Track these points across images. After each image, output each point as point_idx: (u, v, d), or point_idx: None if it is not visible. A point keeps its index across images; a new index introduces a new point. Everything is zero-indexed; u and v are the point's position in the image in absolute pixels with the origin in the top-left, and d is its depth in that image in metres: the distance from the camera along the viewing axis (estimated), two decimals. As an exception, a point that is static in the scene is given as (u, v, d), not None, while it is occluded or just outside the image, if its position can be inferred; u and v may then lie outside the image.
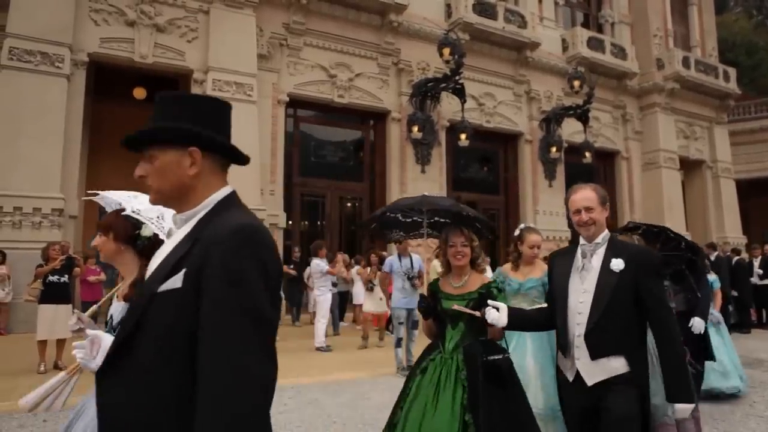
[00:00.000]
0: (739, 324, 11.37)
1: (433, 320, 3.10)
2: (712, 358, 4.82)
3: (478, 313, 2.72)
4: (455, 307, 2.86)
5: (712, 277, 5.89)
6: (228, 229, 1.15)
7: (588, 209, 2.56)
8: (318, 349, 8.54)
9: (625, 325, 2.42)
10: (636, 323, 2.46)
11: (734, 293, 11.35)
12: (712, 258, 11.14)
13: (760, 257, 12.47)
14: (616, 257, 2.47)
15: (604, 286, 2.44)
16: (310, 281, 10.05)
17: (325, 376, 6.80)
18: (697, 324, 4.62)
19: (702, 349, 4.67)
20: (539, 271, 3.84)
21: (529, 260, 3.90)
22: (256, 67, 11.99)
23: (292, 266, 11.19)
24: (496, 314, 2.63)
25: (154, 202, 1.30)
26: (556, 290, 2.67)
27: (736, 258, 12.43)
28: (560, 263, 2.73)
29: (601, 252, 2.54)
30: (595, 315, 2.44)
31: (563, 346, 2.57)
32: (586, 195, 2.60)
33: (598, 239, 2.57)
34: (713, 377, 5.46)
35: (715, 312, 5.70)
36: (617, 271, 2.43)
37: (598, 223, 2.57)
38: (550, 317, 2.70)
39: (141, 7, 11.03)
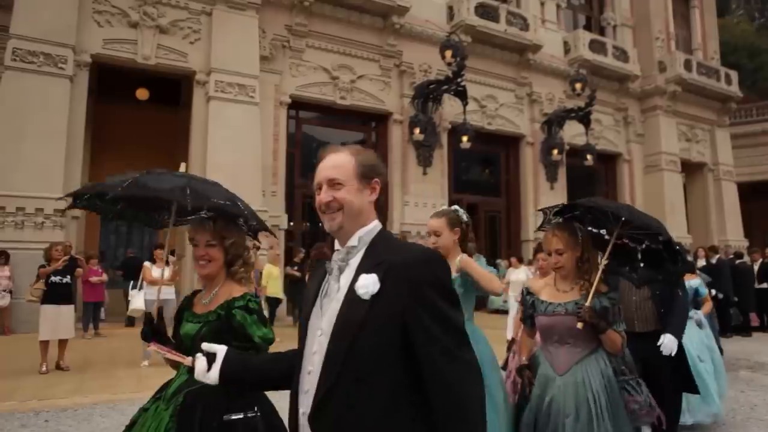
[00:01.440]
0: (740, 327, 11.36)
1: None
2: (694, 390, 3.69)
3: (185, 360, 1.72)
4: (151, 347, 1.94)
5: (695, 280, 5.14)
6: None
7: (333, 184, 1.45)
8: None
9: (383, 401, 1.29)
10: (406, 398, 1.32)
11: (734, 298, 11.31)
12: (714, 261, 11.09)
13: (760, 261, 12.45)
14: (369, 272, 1.36)
15: (345, 325, 1.35)
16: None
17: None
18: (668, 343, 3.52)
19: (680, 376, 3.64)
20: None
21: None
22: (258, 68, 12.02)
23: (295, 267, 11.20)
24: (203, 366, 1.55)
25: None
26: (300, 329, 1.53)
27: (737, 261, 12.40)
28: (312, 280, 1.61)
29: (354, 263, 1.43)
30: (325, 380, 1.33)
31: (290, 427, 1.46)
32: (334, 161, 1.48)
33: (353, 239, 1.44)
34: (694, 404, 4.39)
35: (699, 313, 5.01)
36: (366, 298, 1.34)
37: (348, 207, 1.43)
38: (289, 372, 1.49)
39: (144, 9, 11.07)
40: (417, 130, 13.68)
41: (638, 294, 3.78)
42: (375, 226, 1.48)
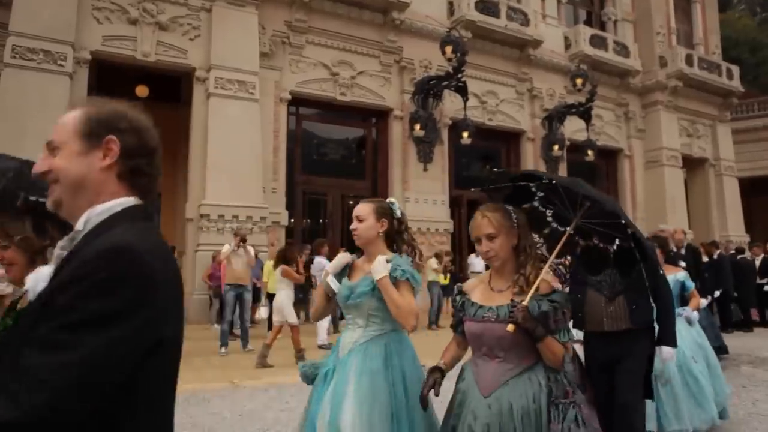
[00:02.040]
0: (741, 323, 11.35)
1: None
2: (649, 395, 3.24)
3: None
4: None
5: (680, 274, 4.61)
6: None
7: (51, 148, 1.20)
8: (320, 347, 8.55)
9: None
10: None
11: (734, 294, 11.30)
12: (714, 256, 11.01)
13: (761, 256, 12.42)
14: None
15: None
16: (314, 280, 10.07)
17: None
18: (666, 355, 3.25)
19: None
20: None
21: None
22: (258, 65, 12.00)
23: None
24: None
25: None
26: None
27: (739, 257, 12.36)
28: None
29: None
30: None
31: None
32: (61, 119, 1.26)
33: (80, 222, 1.11)
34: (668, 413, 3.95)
35: (687, 309, 4.60)
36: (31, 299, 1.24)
37: (63, 176, 1.14)
38: None
39: (143, 5, 11.04)
40: (417, 126, 13.65)
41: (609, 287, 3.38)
42: (116, 204, 1.11)
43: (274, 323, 7.74)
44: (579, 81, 15.30)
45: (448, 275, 12.10)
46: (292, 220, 12.92)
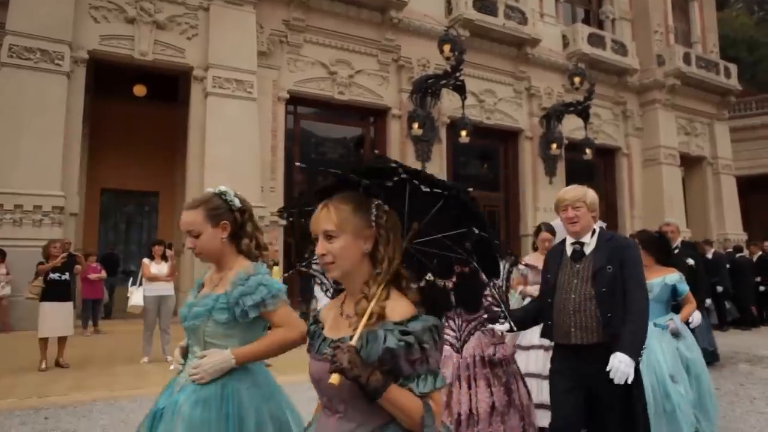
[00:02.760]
0: (738, 320, 11.38)
1: None
2: None
3: None
4: None
5: (673, 275, 3.97)
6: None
7: None
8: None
9: None
10: None
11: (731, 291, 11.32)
12: (709, 255, 10.88)
13: (758, 254, 12.45)
14: None
15: None
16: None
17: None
18: (619, 367, 2.40)
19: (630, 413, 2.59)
20: None
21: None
22: (256, 64, 11.98)
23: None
24: None
25: None
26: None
27: (737, 255, 12.34)
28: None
29: None
30: None
31: None
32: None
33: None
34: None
35: (676, 318, 3.95)
36: None
37: None
38: None
39: (141, 4, 11.02)
40: (416, 125, 13.65)
41: (579, 290, 2.66)
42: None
43: None
44: (577, 79, 15.30)
45: None
46: (291, 219, 12.90)
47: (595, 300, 2.60)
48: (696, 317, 4.24)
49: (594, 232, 2.79)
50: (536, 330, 3.16)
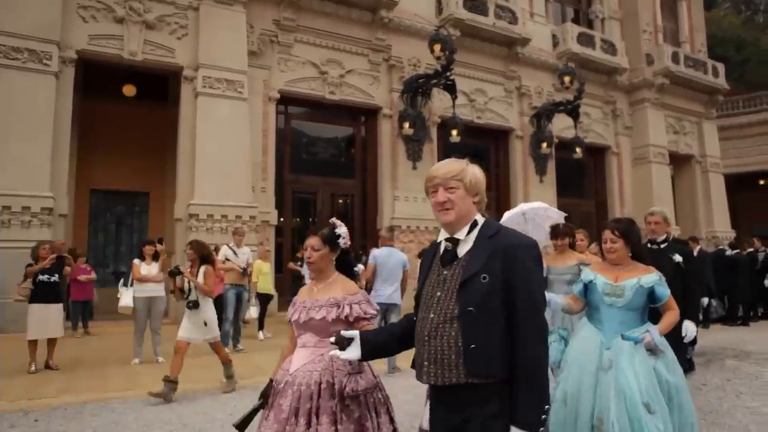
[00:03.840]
0: (725, 318, 11.45)
1: None
2: None
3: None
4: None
5: (648, 277, 3.16)
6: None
7: None
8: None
9: None
10: None
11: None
12: (695, 253, 10.83)
13: (750, 250, 12.55)
14: None
15: None
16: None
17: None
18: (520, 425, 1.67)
19: None
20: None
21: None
22: (246, 63, 11.96)
23: (298, 263, 11.17)
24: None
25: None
26: None
27: (733, 252, 12.31)
28: None
29: None
30: None
31: None
32: None
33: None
34: None
35: (653, 330, 3.06)
36: None
37: None
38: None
39: (129, 4, 10.96)
40: (406, 125, 13.68)
41: (439, 307, 1.80)
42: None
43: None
44: (567, 79, 15.39)
45: None
46: (282, 219, 12.91)
47: (458, 321, 1.73)
48: (690, 330, 3.79)
49: (475, 224, 1.84)
50: None
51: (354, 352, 1.96)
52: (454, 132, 13.75)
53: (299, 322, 2.42)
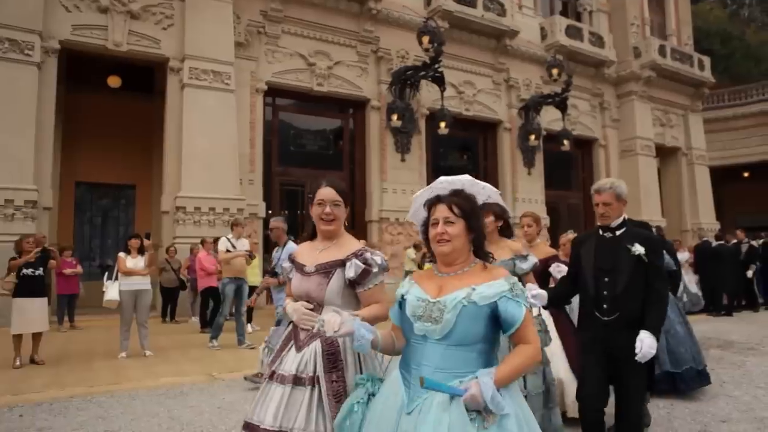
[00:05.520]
0: (707, 308, 11.61)
1: None
2: None
3: None
4: None
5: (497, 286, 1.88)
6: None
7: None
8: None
9: None
10: None
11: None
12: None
13: (733, 241, 12.70)
14: None
15: None
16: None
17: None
18: None
19: None
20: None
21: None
22: (233, 55, 11.84)
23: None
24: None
25: None
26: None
27: (717, 243, 12.46)
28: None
29: None
30: None
31: None
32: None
33: None
34: None
35: (485, 378, 1.69)
36: None
37: None
38: None
39: (114, -6, 10.80)
40: (395, 117, 13.65)
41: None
42: None
43: None
44: (555, 71, 15.43)
45: (427, 266, 12.16)
46: (270, 212, 12.84)
47: None
48: (646, 345, 2.72)
49: None
50: None
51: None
52: (443, 124, 13.74)
53: None
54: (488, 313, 1.79)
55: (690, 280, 11.83)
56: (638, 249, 2.96)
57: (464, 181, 2.05)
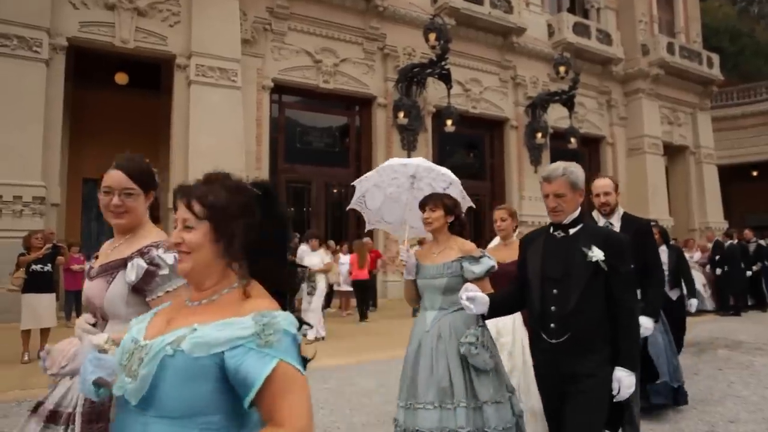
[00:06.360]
0: (719, 308, 11.55)
1: None
2: None
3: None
4: None
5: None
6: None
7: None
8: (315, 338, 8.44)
9: None
10: None
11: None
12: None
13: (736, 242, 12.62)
14: None
15: None
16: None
17: (311, 363, 6.78)
18: None
19: None
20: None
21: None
22: (240, 52, 11.85)
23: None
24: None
25: None
26: None
27: (729, 242, 12.40)
28: None
29: None
30: None
31: None
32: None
33: None
34: None
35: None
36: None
37: None
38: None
39: (121, -10, 10.82)
40: (401, 114, 13.63)
41: None
42: None
43: None
44: (562, 69, 15.36)
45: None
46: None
47: None
48: (625, 386, 2.23)
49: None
50: None
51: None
52: (449, 122, 13.71)
53: None
54: (214, 370, 1.10)
55: (697, 280, 11.77)
56: (596, 254, 2.29)
57: (418, 164, 1.75)
